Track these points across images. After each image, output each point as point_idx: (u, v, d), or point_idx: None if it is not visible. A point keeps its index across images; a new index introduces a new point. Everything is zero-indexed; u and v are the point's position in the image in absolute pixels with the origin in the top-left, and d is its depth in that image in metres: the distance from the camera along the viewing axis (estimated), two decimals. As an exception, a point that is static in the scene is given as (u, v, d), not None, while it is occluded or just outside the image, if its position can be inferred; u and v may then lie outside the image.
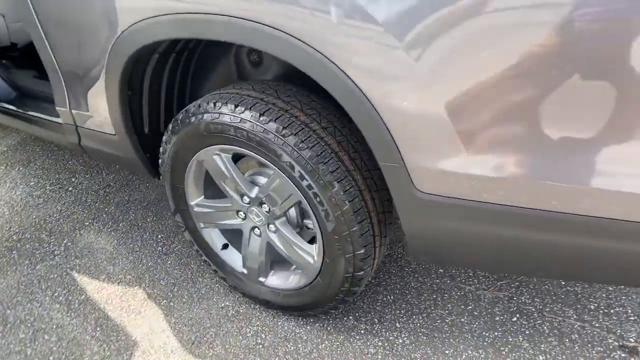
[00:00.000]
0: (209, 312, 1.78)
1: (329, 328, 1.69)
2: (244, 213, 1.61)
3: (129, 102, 1.62)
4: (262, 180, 1.56)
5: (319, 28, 1.04)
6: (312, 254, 1.48)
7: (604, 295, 1.74)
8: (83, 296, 1.89)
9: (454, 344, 1.61)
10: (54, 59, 1.70)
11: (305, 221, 1.58)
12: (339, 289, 1.47)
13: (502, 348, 1.58)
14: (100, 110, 1.67)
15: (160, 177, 1.73)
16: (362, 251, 1.36)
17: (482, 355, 1.56)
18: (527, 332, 1.63)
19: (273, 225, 1.55)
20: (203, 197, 1.69)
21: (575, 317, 1.67)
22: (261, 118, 1.31)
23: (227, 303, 1.82)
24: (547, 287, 1.79)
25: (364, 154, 1.40)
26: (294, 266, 1.62)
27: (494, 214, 1.04)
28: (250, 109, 1.33)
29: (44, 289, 1.94)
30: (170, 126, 1.55)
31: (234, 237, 1.77)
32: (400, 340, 1.63)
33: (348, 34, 1.01)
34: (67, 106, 1.80)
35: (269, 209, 1.51)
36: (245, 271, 1.72)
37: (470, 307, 1.74)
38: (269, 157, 1.34)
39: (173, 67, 1.66)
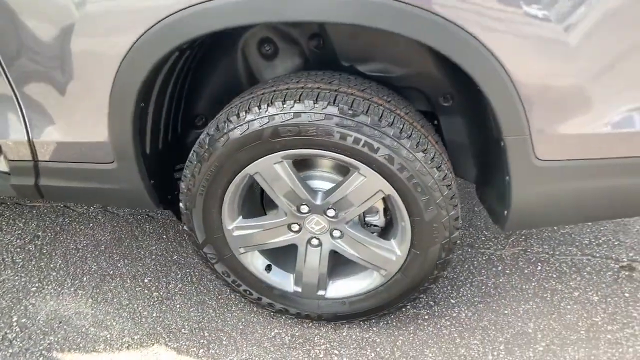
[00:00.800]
0: (263, 346, 1.56)
1: (394, 323, 1.64)
2: (299, 225, 1.44)
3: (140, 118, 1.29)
4: (318, 184, 1.42)
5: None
6: (393, 250, 1.41)
7: (588, 230, 2.05)
8: (88, 377, 1.47)
9: (508, 303, 1.71)
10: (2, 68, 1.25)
11: (368, 219, 1.49)
12: (426, 278, 1.43)
13: (544, 295, 1.75)
14: (94, 134, 1.30)
15: (182, 206, 1.42)
16: (456, 234, 1.35)
17: (534, 306, 1.70)
18: (554, 275, 1.83)
19: (338, 230, 1.43)
20: (241, 217, 1.46)
21: (580, 253, 1.93)
22: (350, 111, 1.19)
23: (276, 330, 1.61)
24: (546, 234, 2.03)
25: (437, 136, 1.38)
26: (361, 269, 1.51)
27: (615, 167, 1.14)
28: (334, 102, 1.19)
29: (22, 385, 1.45)
30: (206, 139, 1.29)
31: (275, 255, 1.57)
32: (464, 315, 1.67)
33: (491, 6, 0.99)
34: (25, 135, 1.35)
35: (336, 214, 1.38)
36: (299, 289, 1.55)
37: (500, 268, 1.87)
38: (358, 153, 1.22)
39: (180, 69, 1.38)
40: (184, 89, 1.51)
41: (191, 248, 1.93)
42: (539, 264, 1.89)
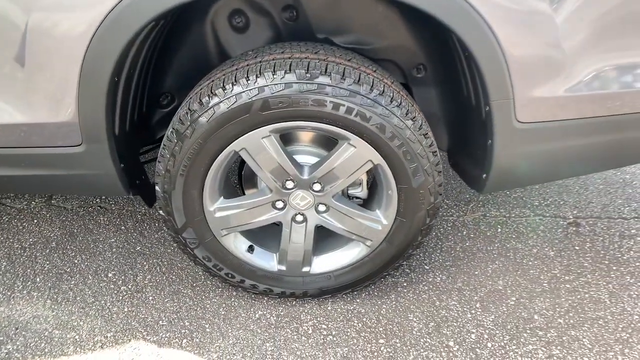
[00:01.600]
0: (249, 329, 1.51)
1: (376, 293, 1.67)
2: (283, 202, 1.40)
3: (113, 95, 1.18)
4: (301, 158, 1.40)
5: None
6: (379, 219, 1.43)
7: (536, 193, 2.22)
8: (61, 383, 1.34)
9: (477, 265, 1.81)
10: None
11: (350, 192, 1.49)
12: (411, 245, 1.47)
13: (508, 254, 1.87)
14: (58, 114, 1.16)
15: (159, 189, 1.33)
16: (439, 199, 1.39)
17: (501, 265, 1.82)
18: (513, 236, 1.97)
19: (323, 204, 1.42)
20: (223, 198, 1.39)
21: (532, 214, 2.09)
22: (343, 80, 1.17)
23: (261, 312, 1.58)
24: (501, 199, 2.17)
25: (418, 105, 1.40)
26: (346, 242, 1.52)
27: (586, 127, 1.24)
28: (325, 72, 1.16)
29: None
30: (187, 115, 1.21)
31: (257, 236, 1.53)
32: (439, 279, 1.75)
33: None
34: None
35: (322, 188, 1.37)
36: (283, 268, 1.52)
37: (465, 233, 1.98)
38: (350, 123, 1.21)
39: (151, 42, 1.28)
40: (151, 64, 1.40)
41: (168, 234, 1.83)
42: (499, 226, 2.02)
